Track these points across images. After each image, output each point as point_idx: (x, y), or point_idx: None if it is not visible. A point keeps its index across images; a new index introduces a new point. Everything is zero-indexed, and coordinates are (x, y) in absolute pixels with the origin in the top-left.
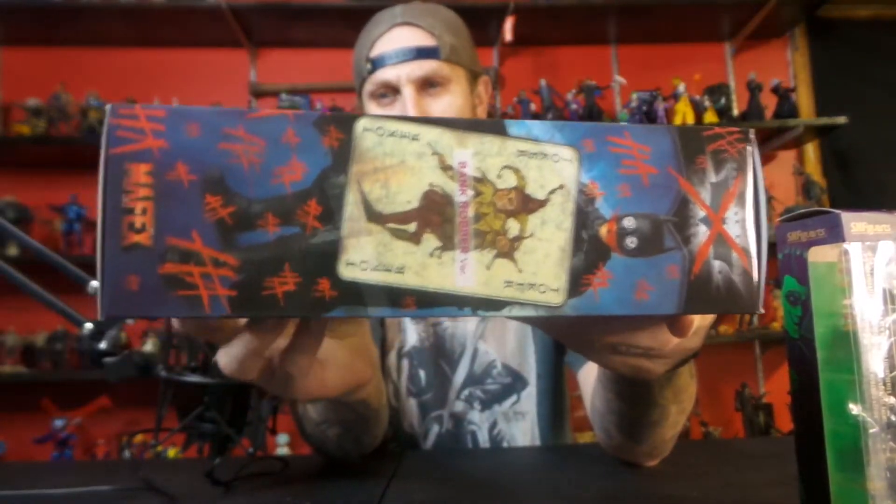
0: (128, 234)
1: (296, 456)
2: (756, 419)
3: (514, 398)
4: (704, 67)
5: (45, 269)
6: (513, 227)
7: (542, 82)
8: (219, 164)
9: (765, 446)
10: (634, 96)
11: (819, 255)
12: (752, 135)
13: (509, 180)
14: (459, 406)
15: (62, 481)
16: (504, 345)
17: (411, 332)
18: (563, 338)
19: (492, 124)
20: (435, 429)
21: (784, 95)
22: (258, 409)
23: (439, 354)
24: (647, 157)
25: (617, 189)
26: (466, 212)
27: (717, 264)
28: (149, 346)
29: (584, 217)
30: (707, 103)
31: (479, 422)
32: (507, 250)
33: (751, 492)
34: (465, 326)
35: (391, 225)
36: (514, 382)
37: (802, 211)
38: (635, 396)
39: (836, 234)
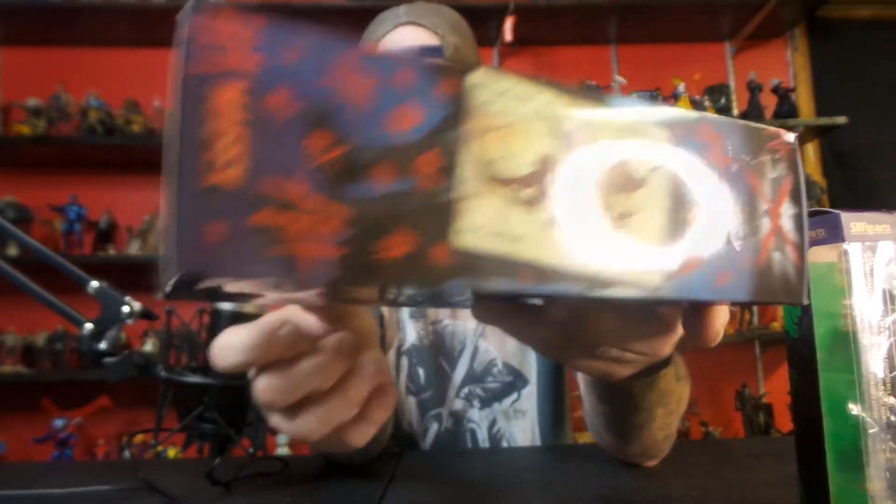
0: (209, 173)
1: (296, 456)
2: (756, 419)
3: (514, 396)
4: (704, 67)
5: (45, 269)
6: (619, 203)
7: None
8: (325, 98)
9: (765, 446)
10: (634, 96)
11: (819, 256)
12: (796, 136)
13: (616, 155)
14: (459, 404)
15: (62, 481)
16: (504, 343)
17: (410, 330)
18: (542, 340)
19: (599, 96)
20: (434, 427)
21: (784, 95)
22: (258, 409)
23: (439, 352)
24: (724, 147)
25: (701, 176)
26: None
27: (776, 256)
28: (149, 346)
29: (678, 200)
30: (707, 103)
31: (479, 420)
32: (615, 228)
33: (751, 492)
34: (465, 324)
35: (508, 190)
36: (515, 381)
37: None
38: (615, 401)
39: (835, 235)
